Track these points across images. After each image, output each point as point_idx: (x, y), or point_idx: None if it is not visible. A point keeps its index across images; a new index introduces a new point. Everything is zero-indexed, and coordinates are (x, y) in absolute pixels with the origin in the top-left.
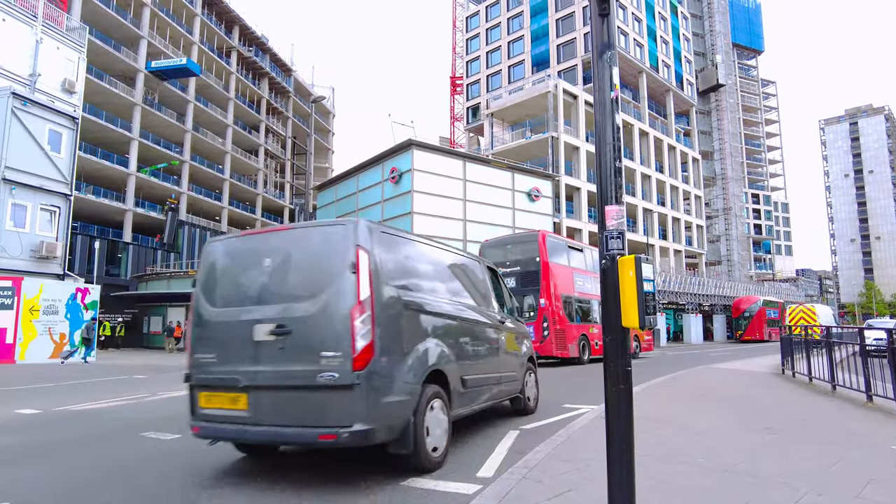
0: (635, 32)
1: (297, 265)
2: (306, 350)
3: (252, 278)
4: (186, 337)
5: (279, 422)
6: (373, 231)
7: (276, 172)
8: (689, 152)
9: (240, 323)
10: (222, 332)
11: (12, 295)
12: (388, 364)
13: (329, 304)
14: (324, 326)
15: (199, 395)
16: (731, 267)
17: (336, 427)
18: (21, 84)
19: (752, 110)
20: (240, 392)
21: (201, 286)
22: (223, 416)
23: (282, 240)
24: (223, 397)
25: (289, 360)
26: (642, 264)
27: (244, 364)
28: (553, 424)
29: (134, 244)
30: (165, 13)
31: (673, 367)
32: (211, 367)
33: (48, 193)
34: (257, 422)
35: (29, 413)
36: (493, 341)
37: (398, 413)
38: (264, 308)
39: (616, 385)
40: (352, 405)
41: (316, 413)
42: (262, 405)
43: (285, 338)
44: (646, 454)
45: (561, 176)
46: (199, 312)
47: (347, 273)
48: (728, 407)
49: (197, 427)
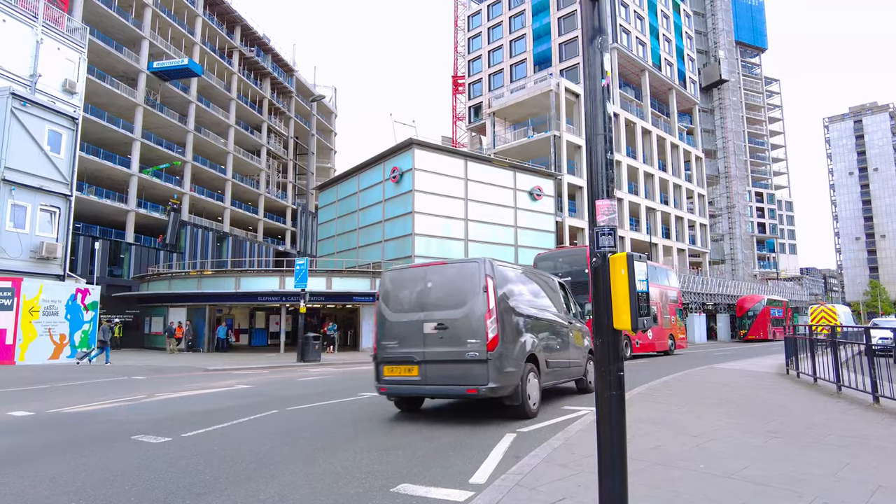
0: (637, 30)
1: (448, 286)
2: (457, 339)
3: (419, 294)
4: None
5: (440, 382)
6: (493, 265)
7: (279, 172)
8: (692, 151)
9: (412, 322)
10: (400, 329)
11: (12, 296)
12: (506, 348)
13: (471, 311)
14: (468, 325)
15: (383, 368)
16: (734, 266)
17: (477, 385)
18: (21, 85)
19: (755, 108)
20: (414, 364)
21: (383, 299)
22: (400, 380)
23: (437, 270)
24: (401, 368)
25: (446, 345)
26: (635, 262)
27: (417, 347)
28: (552, 427)
29: (136, 245)
30: (167, 14)
31: (675, 367)
32: (392, 350)
33: (48, 194)
34: (426, 383)
35: (21, 415)
36: (565, 336)
37: (512, 379)
38: (429, 313)
39: (608, 391)
40: (486, 372)
41: (464, 376)
42: (429, 372)
43: (443, 331)
44: (643, 460)
45: (563, 175)
46: (382, 315)
47: (481, 292)
48: (731, 409)
49: (384, 387)
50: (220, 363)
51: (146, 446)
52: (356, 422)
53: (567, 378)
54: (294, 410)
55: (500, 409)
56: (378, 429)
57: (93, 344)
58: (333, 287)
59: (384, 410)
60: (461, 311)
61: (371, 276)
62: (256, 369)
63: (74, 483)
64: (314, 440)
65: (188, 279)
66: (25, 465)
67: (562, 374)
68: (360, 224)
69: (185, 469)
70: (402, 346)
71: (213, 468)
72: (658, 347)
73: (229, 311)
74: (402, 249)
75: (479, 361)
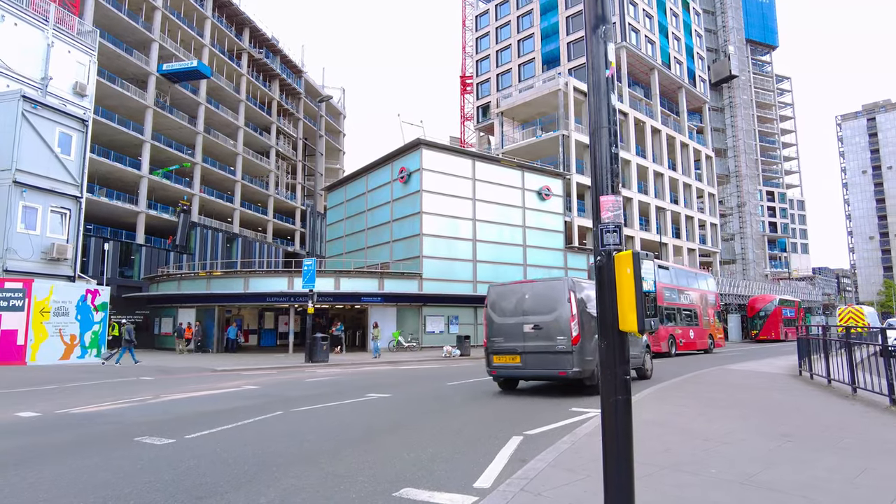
0: (646, 29)
1: (541, 297)
2: (549, 336)
3: (518, 303)
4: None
5: (537, 367)
6: (574, 281)
7: (288, 174)
8: (702, 150)
9: (515, 324)
10: (505, 329)
11: (23, 297)
12: (585, 343)
13: (559, 316)
14: (557, 326)
15: (493, 357)
16: (745, 265)
17: (565, 369)
18: (33, 87)
19: (766, 107)
20: (516, 355)
21: (491, 307)
22: (507, 366)
23: (531, 286)
24: (507, 357)
25: (541, 340)
26: (641, 261)
27: (518, 342)
28: (559, 430)
29: (147, 246)
30: (176, 16)
31: (686, 368)
32: (500, 344)
33: (58, 196)
34: (526, 368)
35: (28, 416)
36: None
37: (590, 365)
38: (527, 317)
39: (613, 395)
40: (572, 360)
41: (555, 363)
42: (528, 361)
43: (538, 331)
44: (653, 464)
45: (572, 174)
46: (491, 319)
47: (566, 302)
48: (743, 411)
49: (494, 371)
50: (228, 364)
51: (149, 448)
52: (361, 424)
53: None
54: (300, 412)
55: (508, 412)
56: (383, 430)
57: (102, 344)
58: (342, 287)
59: (389, 412)
60: (552, 316)
61: (379, 276)
62: (264, 370)
63: (76, 485)
64: (318, 442)
65: (197, 280)
66: (29, 466)
67: None
68: (368, 225)
69: (186, 471)
70: (507, 341)
71: (215, 471)
72: (699, 346)
73: (238, 311)
74: (410, 250)
75: (566, 352)
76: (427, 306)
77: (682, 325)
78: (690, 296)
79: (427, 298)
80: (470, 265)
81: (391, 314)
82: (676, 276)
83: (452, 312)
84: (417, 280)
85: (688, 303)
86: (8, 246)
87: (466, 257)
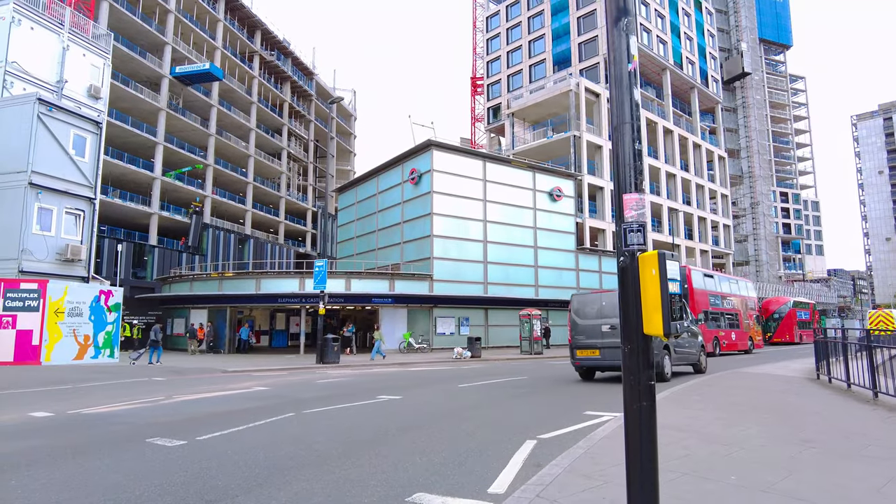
0: (658, 29)
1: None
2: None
3: (599, 308)
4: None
5: (612, 359)
6: None
7: (299, 175)
8: (714, 150)
9: (595, 325)
10: (587, 329)
11: (38, 297)
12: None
13: None
14: None
15: (576, 351)
16: (759, 267)
17: None
18: (48, 90)
19: (780, 107)
20: (596, 349)
21: (574, 312)
22: (588, 358)
23: (608, 295)
24: (588, 352)
25: (616, 338)
26: (667, 261)
27: (598, 339)
28: (573, 434)
29: (160, 247)
30: (189, 19)
31: (726, 367)
32: (582, 341)
33: (73, 197)
34: (603, 360)
35: (42, 416)
36: (686, 333)
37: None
38: (605, 319)
39: (637, 401)
40: None
41: None
42: (605, 354)
43: (614, 330)
44: (671, 470)
45: (583, 175)
46: (575, 322)
47: None
48: (761, 416)
49: (578, 362)
50: (239, 365)
51: (161, 449)
52: (372, 426)
53: (686, 362)
54: (311, 413)
55: (521, 415)
56: (395, 433)
57: (115, 345)
58: (353, 289)
59: (400, 414)
60: None
61: (390, 277)
62: (275, 371)
63: (86, 486)
64: (329, 445)
65: (209, 281)
66: (41, 467)
67: (683, 359)
68: (378, 226)
69: (197, 474)
70: (588, 338)
71: (225, 473)
72: (740, 347)
73: (250, 312)
74: (421, 251)
75: None
76: (438, 308)
77: (725, 327)
78: (732, 301)
79: (438, 300)
80: (481, 266)
81: (402, 315)
82: (719, 283)
83: (463, 314)
84: (428, 281)
85: (730, 307)
86: (24, 247)
87: (477, 258)
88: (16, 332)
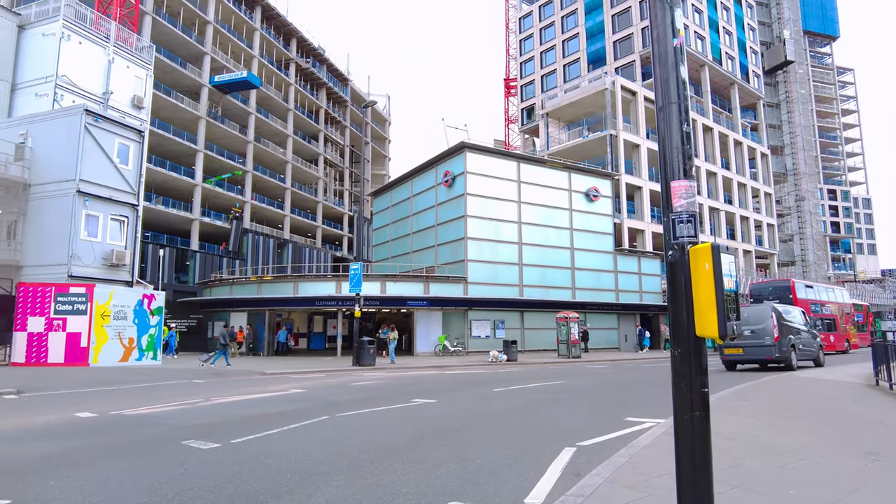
0: (696, 24)
1: (755, 314)
2: (760, 336)
3: (743, 316)
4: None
5: (753, 355)
6: (774, 306)
7: (335, 180)
8: (756, 147)
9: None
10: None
11: (86, 301)
12: (782, 341)
13: (767, 325)
14: (765, 330)
15: (724, 350)
16: (806, 268)
17: (771, 355)
18: (94, 101)
19: (826, 100)
20: (740, 347)
21: None
22: (733, 355)
23: (749, 307)
24: (733, 349)
25: (755, 339)
26: (721, 255)
27: (741, 340)
28: (613, 441)
29: (201, 252)
30: (227, 29)
31: (746, 376)
32: (728, 342)
33: (118, 204)
34: (746, 356)
35: (86, 416)
36: (806, 336)
37: (786, 354)
38: (746, 326)
39: (689, 410)
40: (775, 350)
41: (763, 352)
42: (747, 351)
43: (754, 333)
44: (720, 481)
45: (621, 175)
46: None
47: (769, 317)
48: (817, 424)
49: (726, 357)
50: (277, 367)
51: (195, 452)
52: (406, 430)
53: (807, 357)
54: (345, 417)
55: (560, 420)
56: (429, 438)
57: (158, 347)
58: (388, 292)
59: (435, 418)
60: (762, 325)
61: (424, 280)
62: (312, 373)
63: (122, 488)
64: (362, 449)
65: (249, 284)
66: (80, 467)
67: (805, 355)
68: (413, 229)
69: (229, 478)
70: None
71: (257, 478)
72: (837, 348)
73: (288, 315)
74: (455, 254)
75: (770, 346)
76: (473, 310)
77: (824, 331)
78: (830, 307)
79: (472, 302)
80: (516, 269)
81: (437, 318)
82: (818, 292)
83: (498, 317)
84: (462, 284)
85: (828, 313)
86: (73, 252)
87: (512, 261)
88: (66, 334)
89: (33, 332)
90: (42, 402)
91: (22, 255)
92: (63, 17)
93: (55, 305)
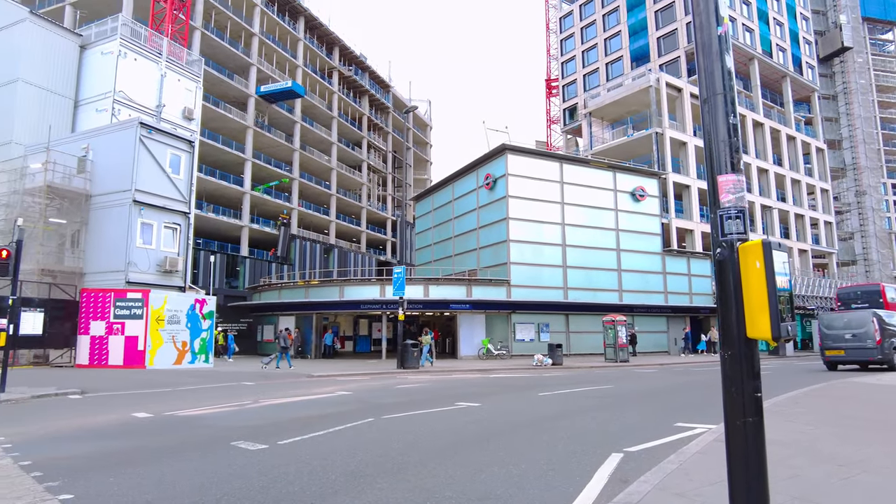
0: (744, 17)
1: (856, 319)
2: (862, 339)
3: (845, 322)
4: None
5: (854, 357)
6: (875, 311)
7: (379, 186)
8: (811, 142)
9: (840, 333)
10: (833, 336)
11: (142, 306)
12: (884, 343)
13: (868, 329)
14: (867, 334)
15: (826, 352)
16: (868, 267)
17: (873, 356)
18: (148, 114)
19: (889, 90)
20: (841, 349)
21: (824, 326)
22: (835, 356)
23: (851, 314)
24: (835, 351)
25: (857, 342)
26: (773, 251)
27: (842, 343)
28: (663, 447)
29: (251, 258)
30: (272, 40)
31: (803, 381)
32: (830, 344)
33: (170, 212)
34: (847, 357)
35: (142, 416)
36: None
37: (888, 355)
38: (848, 330)
39: (741, 416)
40: (877, 352)
41: (866, 354)
42: (849, 352)
43: (855, 337)
44: (777, 492)
45: (668, 173)
46: (825, 332)
47: (870, 322)
48: (884, 433)
49: (827, 358)
50: (324, 369)
51: (243, 453)
52: (449, 434)
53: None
54: (389, 419)
55: (606, 425)
56: (472, 442)
57: (209, 350)
58: (430, 295)
59: (478, 422)
60: (863, 329)
61: (467, 283)
62: (357, 376)
63: (174, 487)
64: (406, 452)
65: (296, 289)
66: (138, 466)
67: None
68: (455, 232)
69: (275, 479)
70: (835, 343)
71: (302, 479)
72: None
73: (335, 318)
74: (497, 256)
75: (873, 348)
76: (516, 313)
77: None
78: None
79: (516, 305)
80: (559, 271)
81: (480, 321)
82: None
83: (543, 320)
84: (505, 287)
85: None
86: (129, 259)
87: (556, 263)
88: (124, 338)
89: (95, 336)
90: (103, 402)
91: (84, 263)
92: (120, 35)
93: (114, 310)
